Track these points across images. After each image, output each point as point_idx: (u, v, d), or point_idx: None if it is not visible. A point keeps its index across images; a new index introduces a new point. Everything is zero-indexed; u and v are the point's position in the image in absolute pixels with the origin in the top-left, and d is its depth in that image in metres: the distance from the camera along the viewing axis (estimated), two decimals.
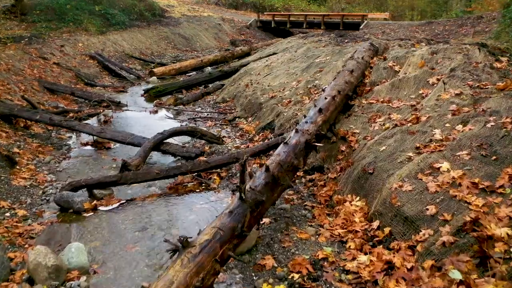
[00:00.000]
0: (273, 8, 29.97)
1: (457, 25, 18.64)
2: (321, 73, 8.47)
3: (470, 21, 18.66)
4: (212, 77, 12.71)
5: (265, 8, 30.22)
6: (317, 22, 23.48)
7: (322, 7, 31.90)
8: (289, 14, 24.67)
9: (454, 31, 18.18)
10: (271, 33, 25.75)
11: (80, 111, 9.84)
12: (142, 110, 10.35)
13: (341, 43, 10.74)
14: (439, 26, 19.47)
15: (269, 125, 7.74)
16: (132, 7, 22.67)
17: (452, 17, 22.74)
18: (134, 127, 9.12)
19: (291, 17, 24.24)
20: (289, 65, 10.11)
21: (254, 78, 10.65)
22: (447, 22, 19.49)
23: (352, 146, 5.49)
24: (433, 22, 19.97)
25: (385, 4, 28.87)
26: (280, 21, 25.02)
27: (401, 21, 23.65)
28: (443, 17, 23.89)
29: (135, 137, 7.12)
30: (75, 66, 13.67)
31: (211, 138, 7.27)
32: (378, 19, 23.78)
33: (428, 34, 18.72)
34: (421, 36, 18.55)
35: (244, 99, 9.50)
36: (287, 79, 9.25)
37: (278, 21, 25.08)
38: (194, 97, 10.96)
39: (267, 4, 30.46)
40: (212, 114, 9.67)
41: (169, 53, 20.50)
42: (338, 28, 22.37)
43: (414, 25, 20.46)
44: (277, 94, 8.67)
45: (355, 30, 21.75)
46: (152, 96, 11.76)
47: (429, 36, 18.29)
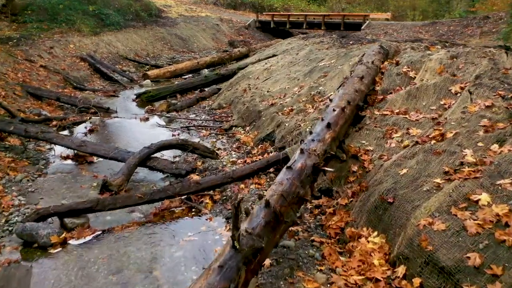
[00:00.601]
0: (272, 8, 29.12)
1: (462, 26, 17.82)
2: (326, 78, 7.65)
3: (476, 21, 17.85)
4: (208, 80, 11.88)
5: (264, 8, 29.37)
6: (317, 23, 22.66)
7: (322, 7, 31.04)
8: (289, 14, 23.83)
9: (459, 31, 17.36)
10: (270, 34, 24.93)
11: (64, 119, 9.00)
12: (132, 117, 9.52)
13: (346, 45, 9.92)
14: (443, 26, 18.66)
15: (269, 136, 6.92)
16: (128, 7, 21.82)
17: (456, 17, 21.93)
18: (121, 136, 8.30)
19: (290, 17, 23.41)
20: (290, 69, 9.29)
21: (252, 83, 9.82)
22: (451, 23, 18.68)
23: (365, 166, 4.67)
24: (437, 23, 19.16)
25: (386, 4, 28.04)
26: (280, 22, 24.19)
27: (404, 22, 22.84)
28: (446, 17, 23.09)
29: (119, 152, 6.30)
30: (64, 69, 12.83)
31: (204, 152, 6.45)
32: (379, 20, 22.97)
33: (432, 35, 17.92)
34: (425, 36, 17.75)
35: (242, 106, 8.67)
36: (288, 84, 8.43)
37: (278, 22, 24.25)
38: (188, 103, 10.13)
39: (266, 4, 29.61)
40: (207, 122, 8.85)
41: (165, 55, 19.66)
42: (339, 29, 21.56)
43: (417, 26, 19.65)
44: (277, 101, 7.85)
45: (357, 30, 20.94)
46: (144, 101, 10.93)
47: (434, 37, 17.50)
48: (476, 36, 16.14)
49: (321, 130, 4.55)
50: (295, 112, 6.93)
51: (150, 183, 6.02)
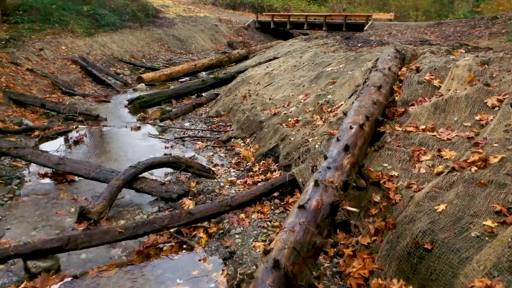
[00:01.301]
0: (272, 8, 28.26)
1: (470, 26, 16.99)
2: (334, 85, 6.81)
3: (484, 22, 17.00)
4: (205, 85, 11.04)
5: (264, 8, 28.51)
6: (319, 23, 21.82)
7: (322, 7, 30.17)
8: (289, 15, 22.98)
9: (466, 32, 16.53)
10: (270, 35, 24.09)
11: (48, 128, 8.16)
12: (123, 126, 8.67)
13: (353, 47, 9.09)
14: (449, 27, 17.81)
15: (272, 151, 6.08)
16: (124, 7, 20.96)
17: (460, 17, 21.10)
18: (109, 148, 7.46)
19: (291, 18, 22.56)
20: (294, 74, 8.45)
21: (253, 88, 8.98)
22: (458, 23, 17.83)
23: (390, 197, 3.84)
24: (443, 23, 18.32)
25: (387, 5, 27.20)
26: (280, 22, 23.35)
27: (408, 22, 22.00)
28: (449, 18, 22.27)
29: (102, 171, 5.45)
30: (52, 72, 11.97)
31: (199, 171, 5.61)
32: (381, 20, 22.12)
33: (438, 36, 17.09)
34: (430, 37, 16.92)
35: (241, 115, 7.83)
36: (293, 91, 7.60)
37: (278, 22, 23.41)
38: (183, 110, 9.29)
39: (266, 4, 28.74)
40: (203, 132, 8.01)
41: (162, 56, 18.83)
42: (340, 30, 20.73)
43: (422, 26, 18.82)
44: (280, 111, 7.01)
45: (359, 31, 20.10)
46: (137, 108, 10.09)
47: (440, 38, 16.69)
48: (485, 37, 15.31)
49: (337, 154, 3.72)
50: (301, 124, 6.09)
51: (136, 207, 5.18)
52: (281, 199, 4.82)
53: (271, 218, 4.43)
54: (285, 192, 4.89)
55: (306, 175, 4.80)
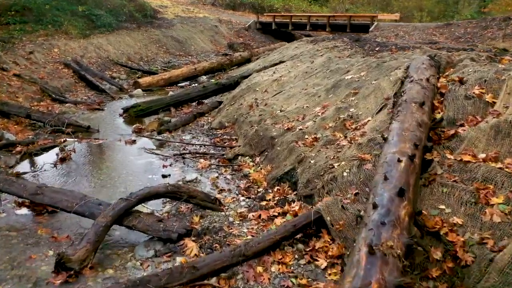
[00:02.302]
0: (273, 9, 27.26)
1: (481, 27, 16.06)
2: (357, 97, 5.86)
3: (496, 23, 16.06)
4: (206, 91, 10.06)
5: (264, 8, 27.50)
6: (322, 24, 20.84)
7: (324, 8, 29.18)
8: (291, 15, 21.99)
9: (478, 34, 15.60)
10: (272, 36, 23.09)
11: (32, 143, 7.18)
12: (117, 139, 7.69)
13: (370, 51, 8.14)
14: (459, 28, 16.88)
15: (288, 175, 5.13)
16: (121, 7, 19.95)
17: (467, 18, 20.19)
18: (100, 168, 6.48)
19: (293, 18, 21.57)
20: (307, 81, 7.48)
21: (260, 97, 8.02)
22: (468, 24, 16.90)
23: (458, 255, 2.89)
24: (452, 24, 17.39)
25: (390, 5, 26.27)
26: (281, 23, 22.36)
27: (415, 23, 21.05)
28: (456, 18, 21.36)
29: (87, 203, 4.48)
30: (42, 77, 10.97)
31: (203, 201, 4.65)
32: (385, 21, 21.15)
33: (447, 37, 16.16)
34: (440, 39, 15.99)
35: (248, 128, 6.87)
36: (307, 101, 6.63)
37: (279, 23, 22.41)
38: (183, 120, 8.30)
39: (266, 5, 27.72)
40: (206, 148, 7.04)
41: (161, 58, 17.83)
42: (344, 30, 19.77)
43: (430, 27, 17.89)
44: (294, 125, 6.05)
45: (364, 32, 19.17)
46: (132, 117, 9.10)
47: (450, 40, 15.78)
48: (499, 39, 14.38)
49: (390, 201, 2.77)
50: (321, 143, 5.13)
51: (128, 249, 4.21)
52: (305, 242, 3.86)
53: (296, 272, 3.48)
54: (310, 233, 3.94)
55: (335, 212, 3.86)
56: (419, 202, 3.42)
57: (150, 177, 5.99)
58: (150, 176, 6.02)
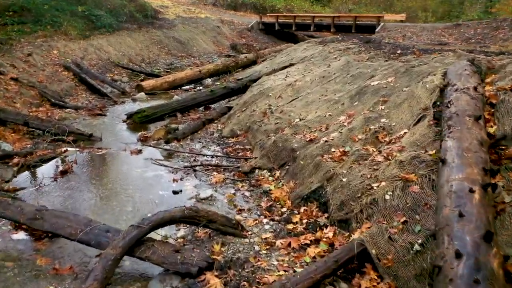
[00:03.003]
0: (275, 9, 26.65)
1: (492, 28, 15.53)
2: (387, 105, 5.29)
3: (507, 23, 15.53)
4: (214, 95, 9.48)
5: (266, 9, 26.90)
6: (326, 25, 20.27)
7: (326, 8, 28.62)
8: (295, 16, 21.40)
9: (489, 34, 15.06)
10: (275, 36, 22.52)
11: (30, 154, 6.60)
12: (121, 149, 7.11)
13: (391, 54, 7.57)
14: (469, 29, 16.35)
15: (315, 194, 4.57)
16: (121, 7, 19.34)
17: (474, 18, 19.67)
18: (104, 182, 5.89)
19: (296, 19, 20.98)
20: (326, 87, 6.91)
21: (273, 103, 7.45)
22: (477, 25, 16.36)
23: None
24: (461, 25, 16.85)
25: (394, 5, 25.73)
26: (285, 23, 21.77)
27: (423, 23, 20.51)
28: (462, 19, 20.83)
29: (93, 230, 3.90)
30: (41, 81, 10.36)
31: (223, 227, 4.08)
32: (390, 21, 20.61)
33: (457, 38, 15.61)
34: (449, 40, 15.45)
35: (264, 137, 6.30)
36: (329, 109, 6.06)
37: (282, 23, 21.82)
38: (192, 128, 7.72)
39: (268, 5, 27.13)
40: (218, 159, 6.46)
41: (162, 60, 17.22)
42: (350, 31, 19.23)
43: (439, 28, 17.36)
44: (317, 136, 5.48)
45: (370, 33, 18.62)
46: (137, 123, 8.52)
47: (460, 41, 15.24)
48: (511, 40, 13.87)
49: (475, 249, 2.22)
50: (353, 159, 4.57)
51: (140, 286, 3.64)
52: (348, 280, 3.30)
53: None
54: (352, 268, 3.39)
55: (381, 244, 3.31)
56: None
57: (160, 193, 5.42)
58: (159, 192, 5.44)
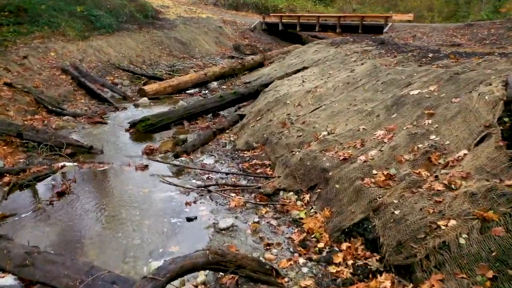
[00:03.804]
0: (277, 9, 25.83)
1: (506, 28, 14.78)
2: (435, 119, 4.51)
3: None
4: (223, 101, 8.68)
5: (268, 8, 26.06)
6: (332, 25, 19.46)
7: (329, 8, 27.81)
8: (299, 16, 20.59)
9: (504, 35, 14.30)
10: (278, 37, 21.70)
11: (23, 171, 5.79)
12: (125, 163, 6.31)
13: (424, 59, 6.79)
14: (482, 29, 15.60)
15: (359, 227, 3.79)
16: (121, 7, 18.49)
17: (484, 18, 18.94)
18: (107, 207, 5.08)
19: (301, 19, 20.15)
20: (353, 95, 6.13)
21: (293, 112, 6.66)
22: (491, 25, 15.62)
23: None
24: (474, 25, 16.10)
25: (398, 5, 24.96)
26: (289, 23, 20.94)
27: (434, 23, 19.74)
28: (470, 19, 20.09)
29: (96, 280, 3.11)
30: (37, 86, 9.52)
31: (255, 273, 3.29)
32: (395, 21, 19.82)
33: (470, 39, 14.85)
34: (461, 41, 14.69)
35: (287, 153, 5.52)
36: (362, 122, 5.28)
37: (286, 23, 21.00)
38: (202, 139, 6.91)
39: (270, 5, 26.29)
40: (235, 177, 5.66)
41: (164, 61, 16.38)
42: (356, 32, 18.45)
43: (450, 28, 16.60)
44: (352, 154, 4.70)
45: (377, 33, 17.85)
46: (141, 132, 7.72)
47: (473, 42, 14.49)
48: None
49: None
50: (404, 186, 3.79)
51: None
52: None
53: None
54: None
55: None
56: None
57: (173, 221, 4.62)
58: (171, 220, 4.65)
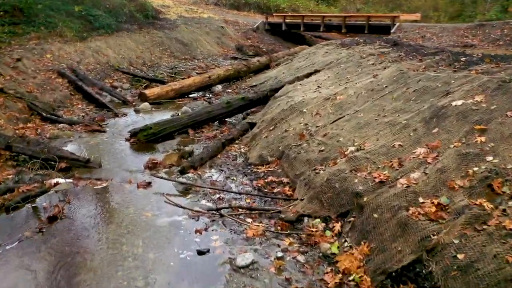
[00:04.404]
0: (279, 9, 25.09)
1: None
2: (488, 136, 3.80)
3: None
4: (231, 108, 7.97)
5: (270, 8, 25.32)
6: (337, 25, 18.76)
7: (332, 8, 27.08)
8: (303, 15, 19.86)
9: None
10: (281, 37, 20.99)
11: (11, 190, 5.08)
12: (125, 180, 5.59)
13: (456, 63, 6.08)
14: (494, 29, 14.89)
15: (410, 270, 3.10)
16: (121, 7, 17.76)
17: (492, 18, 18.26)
18: (104, 233, 4.37)
19: (305, 19, 19.44)
20: (380, 104, 5.41)
21: (310, 122, 5.94)
22: (504, 25, 14.92)
23: None
24: (485, 25, 15.40)
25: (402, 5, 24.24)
26: (292, 24, 20.22)
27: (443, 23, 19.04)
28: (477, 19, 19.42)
29: None
30: (30, 91, 8.79)
31: None
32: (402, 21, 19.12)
33: (483, 40, 14.16)
34: (473, 41, 14.01)
35: (308, 170, 4.81)
36: (395, 136, 4.56)
37: (290, 24, 20.28)
38: (210, 152, 6.20)
39: (272, 4, 25.55)
40: (249, 197, 4.95)
41: (165, 63, 15.66)
42: (362, 32, 17.76)
43: (460, 28, 15.89)
44: (390, 175, 3.99)
45: (384, 34, 17.17)
46: (142, 142, 7.01)
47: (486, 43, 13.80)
48: None
49: None
50: (463, 221, 3.09)
51: None
52: None
53: None
54: None
55: None
56: None
57: (181, 255, 3.91)
58: (179, 253, 3.94)
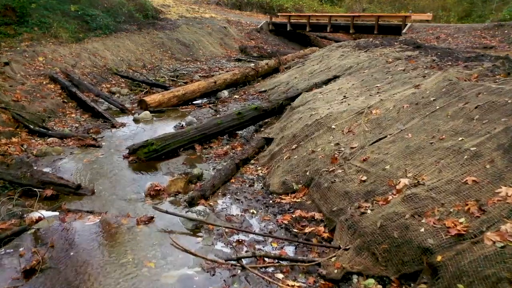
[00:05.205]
0: (282, 8, 24.04)
1: None
2: None
3: None
4: (243, 119, 6.95)
5: (273, 8, 24.27)
6: (344, 25, 17.75)
7: (336, 7, 26.04)
8: (309, 15, 18.81)
9: None
10: (286, 38, 19.96)
11: None
12: (122, 214, 4.57)
13: (510, 70, 5.07)
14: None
15: None
16: (119, 6, 16.71)
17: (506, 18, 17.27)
18: None
19: (311, 19, 18.41)
20: (432, 123, 4.38)
21: (342, 141, 4.92)
22: None
23: None
24: (504, 25, 14.40)
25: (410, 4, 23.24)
26: (297, 24, 19.19)
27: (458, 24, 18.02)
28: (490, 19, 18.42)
29: None
30: (18, 99, 7.74)
31: None
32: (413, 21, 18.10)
33: (502, 41, 13.15)
34: (492, 43, 13.00)
35: (348, 205, 3.79)
36: (464, 169, 3.52)
37: (295, 24, 19.25)
38: (223, 176, 5.16)
39: (275, 4, 24.49)
40: (275, 241, 3.93)
41: (166, 65, 14.63)
42: (371, 32, 16.76)
43: (477, 29, 14.87)
44: (471, 226, 2.98)
45: (395, 34, 16.18)
46: (142, 160, 6.00)
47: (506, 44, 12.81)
48: None
49: None
50: None
51: None
52: None
53: None
54: None
55: None
56: None
57: None
58: None
